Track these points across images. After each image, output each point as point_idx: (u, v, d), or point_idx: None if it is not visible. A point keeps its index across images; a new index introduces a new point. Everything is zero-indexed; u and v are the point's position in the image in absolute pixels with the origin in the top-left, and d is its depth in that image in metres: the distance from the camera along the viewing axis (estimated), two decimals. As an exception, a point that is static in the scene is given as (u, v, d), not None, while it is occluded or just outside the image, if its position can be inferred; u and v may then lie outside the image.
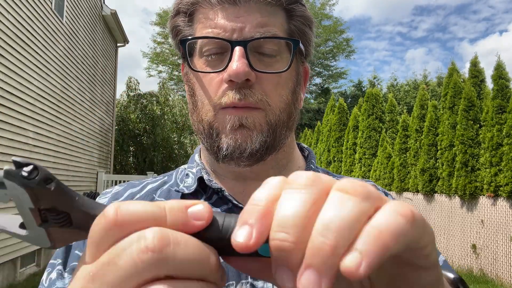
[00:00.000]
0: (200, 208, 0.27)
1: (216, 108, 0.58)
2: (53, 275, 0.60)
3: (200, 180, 0.63)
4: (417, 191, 8.55)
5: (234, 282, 0.55)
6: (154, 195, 0.66)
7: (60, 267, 0.61)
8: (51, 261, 0.63)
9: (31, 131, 6.42)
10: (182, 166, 0.72)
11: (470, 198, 7.18)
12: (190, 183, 0.64)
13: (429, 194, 8.22)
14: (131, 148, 16.09)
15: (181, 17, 0.61)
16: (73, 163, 8.45)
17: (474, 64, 7.63)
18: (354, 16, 67.23)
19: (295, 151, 0.70)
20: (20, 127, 6.07)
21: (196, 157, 0.69)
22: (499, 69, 6.87)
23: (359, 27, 67.61)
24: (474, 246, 7.17)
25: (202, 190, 0.64)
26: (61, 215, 0.27)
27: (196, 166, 0.67)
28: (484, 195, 6.91)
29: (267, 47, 0.58)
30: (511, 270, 6.44)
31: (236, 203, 0.61)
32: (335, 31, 22.62)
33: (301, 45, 0.61)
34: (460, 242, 7.52)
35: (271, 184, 0.27)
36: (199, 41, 0.59)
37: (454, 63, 8.10)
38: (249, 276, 0.54)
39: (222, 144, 0.58)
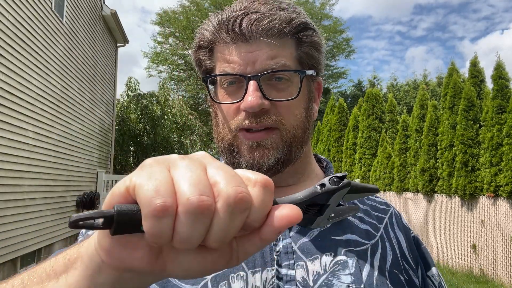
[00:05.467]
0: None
1: (235, 130, 0.66)
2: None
3: None
4: (417, 191, 8.55)
5: (260, 269, 0.60)
6: None
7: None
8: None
9: (31, 131, 6.42)
10: None
11: (470, 198, 7.19)
12: None
13: (429, 194, 8.23)
14: (131, 148, 16.09)
15: (202, 51, 0.70)
16: (73, 163, 8.45)
17: (474, 64, 7.64)
18: (353, 15, 67.23)
19: (312, 160, 0.77)
20: (20, 127, 6.07)
21: None
22: (499, 69, 6.87)
23: (359, 26, 67.61)
24: (474, 246, 7.17)
25: None
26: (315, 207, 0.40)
27: None
28: (484, 195, 6.92)
29: (279, 76, 0.65)
30: (511, 270, 6.44)
31: None
32: (335, 31, 22.61)
33: (308, 72, 0.67)
34: (460, 242, 7.52)
35: None
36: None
37: (454, 63, 8.11)
38: (274, 263, 0.60)
39: (241, 161, 0.66)
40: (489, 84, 7.38)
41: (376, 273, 0.63)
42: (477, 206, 7.08)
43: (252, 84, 0.62)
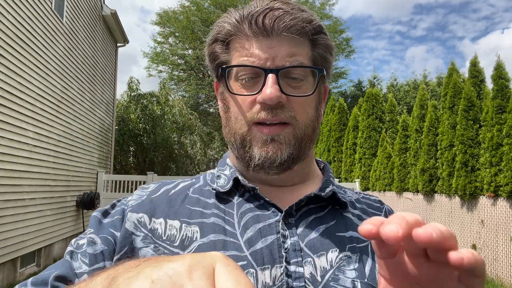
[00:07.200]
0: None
1: (250, 123, 0.66)
2: (83, 241, 0.66)
3: (235, 180, 0.70)
4: (417, 191, 8.55)
5: (269, 266, 0.61)
6: (187, 192, 0.72)
7: (92, 235, 0.66)
8: (81, 235, 0.68)
9: (31, 131, 6.42)
10: (209, 171, 0.80)
11: (470, 198, 7.19)
12: (223, 184, 0.72)
13: (429, 194, 8.23)
14: (131, 148, 16.08)
15: (219, 45, 0.70)
16: (73, 163, 8.45)
17: (474, 64, 7.63)
18: (353, 15, 67.22)
19: (314, 161, 0.79)
20: (20, 127, 6.07)
21: (228, 161, 0.78)
22: (499, 69, 6.87)
23: (359, 26, 67.61)
24: (474, 246, 7.17)
25: (235, 189, 0.71)
26: None
27: (229, 169, 0.75)
28: (484, 195, 6.91)
29: (295, 73, 0.66)
30: (511, 270, 6.44)
31: (268, 200, 0.67)
32: (335, 31, 22.60)
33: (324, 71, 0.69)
34: (460, 242, 7.52)
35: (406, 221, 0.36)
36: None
37: (454, 63, 8.11)
38: (283, 260, 0.61)
39: (255, 155, 0.66)
40: (489, 84, 7.39)
41: (377, 268, 0.64)
42: (477, 206, 7.08)
43: (271, 77, 0.63)
